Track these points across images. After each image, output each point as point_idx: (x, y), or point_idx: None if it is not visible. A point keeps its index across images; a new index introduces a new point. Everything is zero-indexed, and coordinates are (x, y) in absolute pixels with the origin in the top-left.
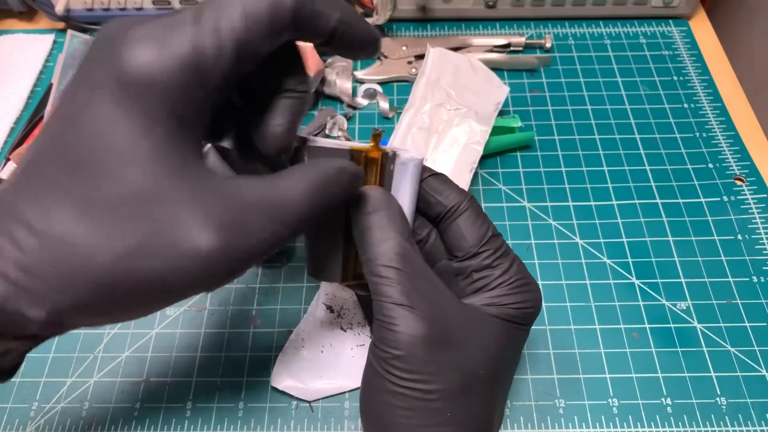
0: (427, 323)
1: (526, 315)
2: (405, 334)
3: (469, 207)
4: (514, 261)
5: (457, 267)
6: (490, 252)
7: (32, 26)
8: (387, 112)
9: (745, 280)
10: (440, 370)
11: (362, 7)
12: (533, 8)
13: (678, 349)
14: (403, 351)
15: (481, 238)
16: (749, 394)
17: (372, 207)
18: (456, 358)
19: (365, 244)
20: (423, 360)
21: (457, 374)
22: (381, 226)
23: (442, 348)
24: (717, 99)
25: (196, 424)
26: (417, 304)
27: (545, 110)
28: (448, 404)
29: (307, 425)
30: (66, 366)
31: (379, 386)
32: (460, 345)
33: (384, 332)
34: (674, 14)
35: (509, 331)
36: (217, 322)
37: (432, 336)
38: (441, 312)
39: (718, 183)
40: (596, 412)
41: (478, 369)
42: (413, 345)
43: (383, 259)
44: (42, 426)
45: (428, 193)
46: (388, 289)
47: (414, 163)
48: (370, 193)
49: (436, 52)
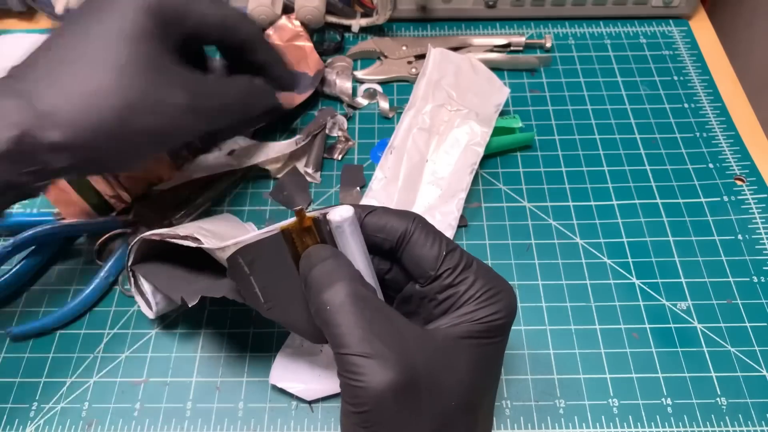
0: (393, 372)
1: (498, 327)
2: (370, 389)
3: (415, 230)
4: (477, 273)
5: (421, 291)
6: (450, 270)
7: (32, 26)
8: (387, 112)
9: (745, 280)
10: (412, 420)
11: (362, 7)
12: (533, 8)
13: (678, 349)
14: (369, 406)
15: (435, 259)
16: (749, 395)
17: (315, 260)
18: (428, 403)
19: (313, 295)
20: (392, 413)
21: (430, 418)
22: (326, 273)
23: (411, 395)
24: (717, 99)
25: (196, 424)
26: (378, 350)
27: (545, 110)
28: None
29: (307, 425)
30: (66, 366)
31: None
32: (432, 385)
33: (348, 388)
34: (674, 14)
35: (481, 351)
36: (217, 322)
37: (400, 385)
38: (406, 354)
39: (719, 183)
40: (596, 412)
41: (450, 403)
42: (380, 398)
43: (333, 304)
44: (42, 426)
45: (371, 235)
46: (345, 338)
47: (348, 222)
48: (312, 250)
49: (437, 53)
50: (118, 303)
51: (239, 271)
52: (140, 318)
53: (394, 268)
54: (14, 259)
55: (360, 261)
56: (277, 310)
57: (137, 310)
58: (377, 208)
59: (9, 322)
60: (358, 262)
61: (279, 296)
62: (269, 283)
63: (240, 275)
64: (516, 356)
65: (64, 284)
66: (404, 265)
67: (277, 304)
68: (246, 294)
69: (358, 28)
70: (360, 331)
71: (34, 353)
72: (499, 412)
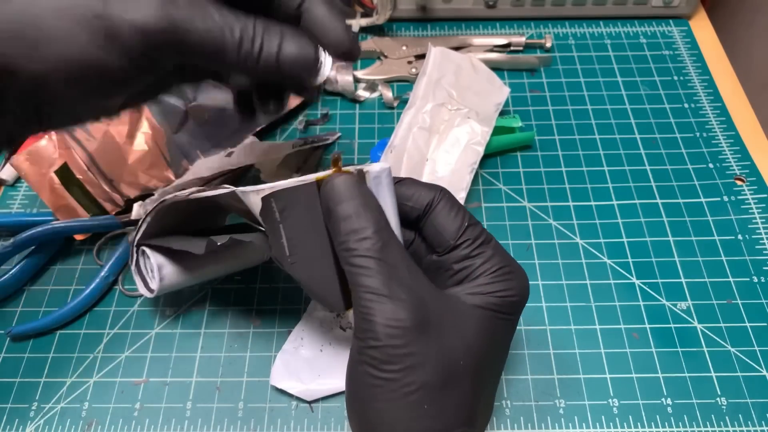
0: (406, 313)
1: (511, 304)
2: (383, 325)
3: (441, 200)
4: (495, 249)
5: (438, 261)
6: (469, 242)
7: None
8: (391, 101)
9: (745, 280)
10: (419, 361)
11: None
12: (533, 8)
13: (678, 349)
14: (381, 341)
15: (457, 230)
16: (749, 395)
17: (344, 196)
18: (435, 350)
19: (341, 235)
20: (401, 351)
21: (437, 366)
22: (356, 216)
23: (421, 339)
24: (717, 99)
25: (196, 424)
26: (395, 293)
27: (545, 110)
28: (426, 397)
29: (307, 425)
30: (66, 366)
31: (359, 378)
32: (440, 335)
33: (363, 323)
34: (674, 14)
35: (492, 322)
36: (217, 322)
37: (411, 326)
38: (420, 301)
39: (719, 183)
40: (596, 413)
41: (458, 361)
42: (391, 335)
43: (360, 249)
44: (42, 426)
45: (401, 203)
46: (366, 279)
47: (386, 173)
48: (340, 183)
49: (437, 52)
50: (118, 303)
51: (270, 216)
52: (140, 318)
53: (416, 241)
54: (14, 259)
55: (392, 215)
56: (300, 266)
57: (137, 310)
58: (405, 178)
59: (9, 322)
60: (391, 216)
61: (304, 251)
62: (296, 235)
63: (270, 220)
64: (516, 356)
65: (64, 284)
66: (425, 235)
67: (301, 260)
68: (273, 243)
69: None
70: (380, 278)
71: (34, 353)
72: (499, 412)
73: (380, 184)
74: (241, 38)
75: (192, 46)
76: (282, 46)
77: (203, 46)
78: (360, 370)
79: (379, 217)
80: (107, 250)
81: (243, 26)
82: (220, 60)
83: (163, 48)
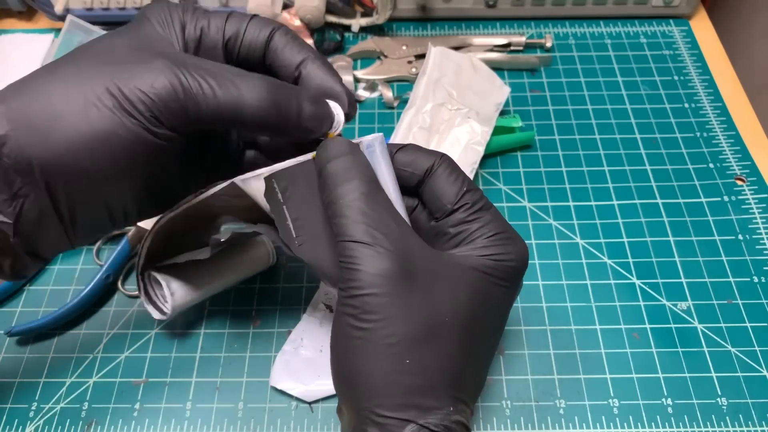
0: (389, 262)
1: (507, 269)
2: (365, 273)
3: (441, 165)
4: (494, 216)
5: (436, 226)
6: (468, 206)
7: (32, 26)
8: (391, 101)
9: (745, 280)
10: (401, 312)
11: (362, 7)
12: (533, 8)
13: (678, 349)
14: (363, 290)
15: (456, 193)
16: (750, 395)
17: (333, 153)
18: (419, 303)
19: (328, 188)
20: (383, 301)
21: (420, 320)
22: (344, 170)
23: (405, 289)
24: (718, 99)
25: (196, 424)
26: (379, 242)
27: (546, 110)
28: (408, 351)
29: (307, 425)
30: (66, 366)
31: (340, 330)
32: (426, 288)
33: (345, 272)
34: (675, 14)
35: (485, 285)
36: (217, 323)
37: (394, 275)
38: (405, 253)
39: (719, 183)
40: (597, 413)
41: (443, 317)
42: (373, 284)
43: (346, 198)
44: (41, 426)
45: (400, 169)
46: (350, 228)
47: (378, 141)
48: (331, 142)
49: (437, 51)
50: (118, 303)
51: (274, 198)
52: (140, 318)
53: (417, 209)
54: None
55: (389, 182)
56: (308, 246)
57: (137, 310)
58: (408, 144)
59: (9, 322)
60: (388, 182)
61: (310, 229)
62: (301, 215)
63: (274, 203)
64: (516, 356)
65: (63, 284)
66: (425, 200)
67: (308, 240)
68: (279, 227)
69: (358, 28)
70: (365, 225)
71: (34, 353)
72: (499, 412)
73: (374, 152)
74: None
75: (204, 106)
76: (300, 102)
77: (217, 104)
78: (341, 322)
79: (367, 171)
80: (107, 250)
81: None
82: (238, 118)
83: (174, 111)
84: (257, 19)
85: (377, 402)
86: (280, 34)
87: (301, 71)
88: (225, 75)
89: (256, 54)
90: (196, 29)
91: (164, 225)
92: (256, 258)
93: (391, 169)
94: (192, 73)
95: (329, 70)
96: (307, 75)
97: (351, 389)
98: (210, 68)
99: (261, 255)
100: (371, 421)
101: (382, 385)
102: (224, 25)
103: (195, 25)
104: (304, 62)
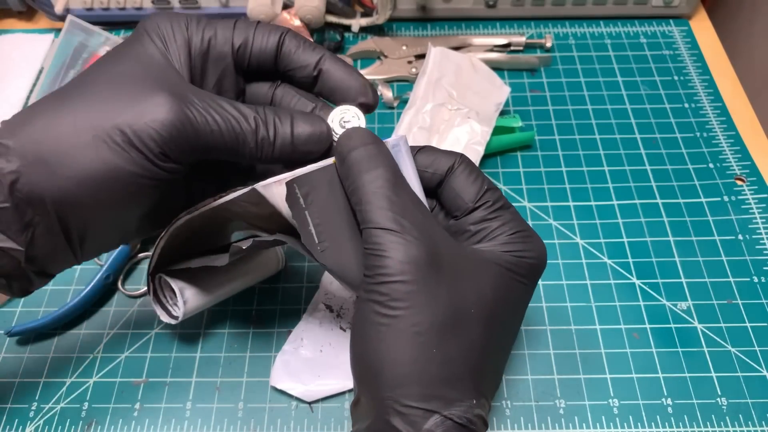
0: (417, 250)
1: (528, 266)
2: (393, 260)
3: (461, 164)
4: (514, 215)
5: (456, 224)
6: (489, 204)
7: (32, 26)
8: (391, 101)
9: (745, 280)
10: (429, 301)
11: (362, 7)
12: (533, 8)
13: (678, 349)
14: (391, 278)
15: (477, 192)
16: (750, 395)
17: (357, 141)
18: (446, 292)
19: (352, 174)
20: (411, 288)
21: (447, 309)
22: (368, 157)
23: (432, 277)
24: (717, 99)
25: (196, 424)
26: (408, 230)
27: (545, 110)
28: (435, 339)
29: (307, 425)
30: (66, 366)
31: (366, 318)
32: (452, 279)
33: (372, 259)
34: (675, 14)
35: (506, 280)
36: (217, 323)
37: (422, 263)
38: (433, 241)
39: (719, 183)
40: (596, 413)
41: (469, 308)
42: (402, 272)
43: (372, 186)
44: (42, 426)
45: (422, 170)
46: (377, 213)
47: (403, 141)
48: (354, 131)
49: (437, 51)
50: (118, 303)
51: (296, 203)
52: (140, 318)
53: (435, 210)
54: None
55: (414, 182)
56: (330, 252)
57: (137, 310)
58: (425, 146)
59: (9, 322)
60: (414, 182)
61: (333, 235)
62: (323, 220)
63: (296, 208)
64: (516, 356)
65: (63, 284)
66: (444, 199)
67: (331, 246)
68: (302, 233)
69: (358, 28)
70: (392, 213)
71: (34, 353)
72: (499, 412)
73: (399, 152)
74: (256, 125)
75: (209, 139)
76: (294, 126)
77: (221, 137)
78: (366, 309)
79: (391, 161)
80: None
81: (255, 114)
82: (240, 149)
83: (182, 144)
84: (263, 25)
85: (401, 391)
86: (290, 38)
87: (321, 69)
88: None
89: (268, 60)
90: (203, 41)
91: (180, 227)
92: (267, 262)
93: (415, 169)
94: (197, 107)
95: (346, 65)
96: (327, 71)
97: (374, 377)
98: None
99: (271, 259)
100: (394, 411)
101: (407, 374)
102: (232, 36)
103: (202, 37)
104: (322, 60)
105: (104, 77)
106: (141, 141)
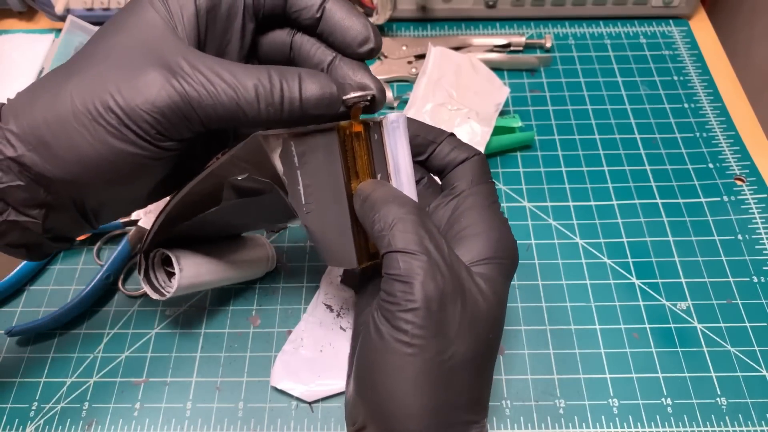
0: (444, 277)
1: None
2: (420, 287)
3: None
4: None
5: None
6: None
7: (32, 26)
8: (391, 101)
9: (745, 280)
10: (455, 329)
11: (362, 7)
12: (533, 8)
13: (678, 349)
14: (418, 304)
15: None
16: (749, 394)
17: (371, 188)
18: (469, 319)
19: (376, 206)
20: (440, 316)
21: (471, 336)
22: (393, 196)
23: (458, 305)
24: (717, 99)
25: (196, 424)
26: (434, 255)
27: (545, 110)
28: (461, 369)
29: (307, 425)
30: (66, 366)
31: (384, 347)
32: (474, 304)
33: (396, 285)
34: (674, 14)
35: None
36: (217, 322)
37: (449, 291)
38: (455, 268)
39: (719, 183)
40: (596, 412)
41: (487, 333)
42: (430, 298)
43: (397, 212)
44: (42, 426)
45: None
46: (404, 236)
47: (402, 119)
48: (366, 185)
49: (437, 52)
50: (118, 303)
51: (289, 160)
52: (140, 318)
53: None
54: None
55: (407, 161)
56: (315, 215)
57: (137, 309)
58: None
59: (9, 322)
60: (406, 161)
61: (320, 199)
62: (313, 182)
63: (289, 165)
64: (516, 356)
65: (64, 284)
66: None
67: (316, 209)
68: (290, 190)
69: None
70: (417, 237)
71: (34, 353)
72: (499, 412)
73: (397, 128)
74: (257, 93)
75: (207, 113)
76: (303, 87)
77: (218, 109)
78: (386, 340)
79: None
80: (107, 250)
81: (258, 79)
82: (242, 118)
83: (178, 122)
84: None
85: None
86: None
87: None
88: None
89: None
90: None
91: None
92: (258, 259)
93: (409, 149)
94: (189, 81)
95: (351, 7)
96: (329, 10)
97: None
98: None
99: (261, 257)
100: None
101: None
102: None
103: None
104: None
105: (102, 50)
106: (135, 124)
